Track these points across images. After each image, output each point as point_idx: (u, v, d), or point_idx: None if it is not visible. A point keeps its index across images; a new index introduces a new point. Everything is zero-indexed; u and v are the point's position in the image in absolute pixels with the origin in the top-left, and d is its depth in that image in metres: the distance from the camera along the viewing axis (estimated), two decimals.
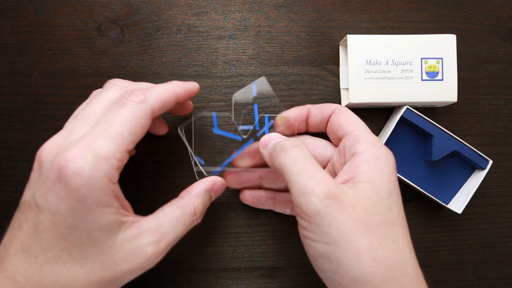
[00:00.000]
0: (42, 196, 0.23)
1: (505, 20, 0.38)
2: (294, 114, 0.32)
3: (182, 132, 0.32)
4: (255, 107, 0.33)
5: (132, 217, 0.26)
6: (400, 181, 0.36)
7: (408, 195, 0.37)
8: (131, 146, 0.25)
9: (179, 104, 0.32)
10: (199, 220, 0.29)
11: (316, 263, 0.25)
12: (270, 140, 0.29)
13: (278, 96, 0.37)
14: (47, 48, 0.36)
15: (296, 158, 0.26)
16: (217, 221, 0.36)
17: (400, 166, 0.36)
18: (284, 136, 0.30)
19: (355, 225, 0.23)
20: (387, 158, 0.27)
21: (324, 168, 0.31)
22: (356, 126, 0.29)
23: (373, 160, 0.26)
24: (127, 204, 0.26)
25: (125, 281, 0.25)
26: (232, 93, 0.36)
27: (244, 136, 0.33)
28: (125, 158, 0.25)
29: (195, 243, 0.36)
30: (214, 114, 0.33)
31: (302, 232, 0.26)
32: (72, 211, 0.22)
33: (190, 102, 0.34)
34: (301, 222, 0.25)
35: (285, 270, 0.36)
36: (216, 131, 0.34)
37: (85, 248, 0.23)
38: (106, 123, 0.24)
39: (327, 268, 0.24)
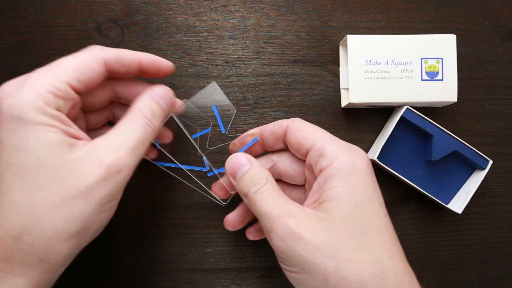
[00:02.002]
0: None
1: (505, 20, 0.38)
2: (241, 142, 0.31)
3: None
4: (215, 108, 0.32)
5: (85, 140, 0.25)
6: (400, 181, 0.36)
7: (408, 195, 0.37)
8: (75, 82, 0.25)
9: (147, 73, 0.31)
10: (155, 123, 0.27)
11: None
12: (237, 169, 0.28)
13: (278, 96, 0.37)
14: (47, 48, 0.36)
15: (256, 201, 0.26)
16: (217, 221, 0.36)
17: (400, 166, 0.36)
18: (249, 158, 0.29)
19: (317, 249, 0.23)
20: (352, 165, 0.26)
21: (305, 180, 0.31)
22: (315, 139, 0.28)
23: (338, 173, 0.25)
24: (84, 135, 0.25)
25: (96, 198, 0.23)
26: (233, 93, 0.36)
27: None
28: (66, 90, 0.24)
29: (195, 243, 0.36)
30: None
31: (279, 264, 0.26)
32: (11, 131, 0.22)
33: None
34: (276, 256, 0.26)
35: None
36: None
37: (36, 171, 0.22)
38: (55, 63, 0.25)
39: None
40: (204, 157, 0.32)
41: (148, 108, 0.27)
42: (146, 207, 0.36)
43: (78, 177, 0.23)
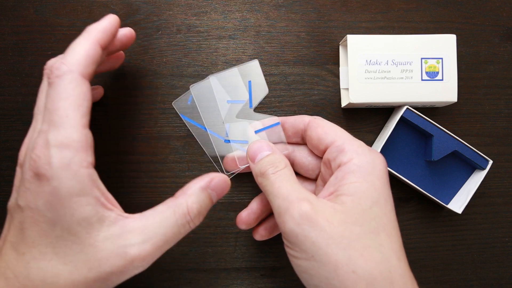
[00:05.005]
0: (22, 196, 0.23)
1: (505, 20, 0.38)
2: (265, 125, 0.32)
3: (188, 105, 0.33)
4: (249, 84, 0.33)
5: (115, 212, 0.24)
6: (400, 181, 0.36)
7: (408, 195, 0.37)
8: (84, 119, 0.24)
9: (111, 47, 0.30)
10: (196, 222, 0.26)
11: (302, 279, 0.26)
12: (258, 153, 0.29)
13: (278, 96, 0.37)
14: (47, 48, 0.36)
15: (273, 182, 0.26)
16: (217, 221, 0.36)
17: (400, 166, 0.36)
18: (271, 145, 0.29)
19: (331, 238, 0.23)
20: (372, 165, 0.26)
21: (318, 175, 0.31)
22: (336, 136, 0.28)
23: (357, 170, 0.26)
24: (109, 196, 0.25)
25: (112, 284, 0.24)
26: None
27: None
28: (87, 135, 0.24)
29: (195, 243, 0.36)
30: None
31: (286, 250, 0.26)
32: (49, 206, 0.23)
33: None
34: (284, 240, 0.26)
35: (285, 270, 0.36)
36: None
37: (68, 245, 0.23)
38: (48, 112, 0.24)
39: (311, 282, 0.25)
40: (227, 125, 0.33)
41: (196, 204, 0.26)
42: (146, 207, 0.36)
43: (101, 263, 0.23)
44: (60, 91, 0.24)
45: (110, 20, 0.27)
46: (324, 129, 0.29)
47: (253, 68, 0.34)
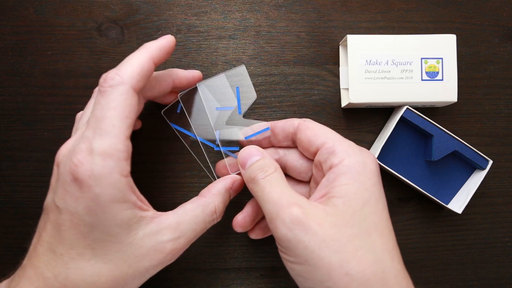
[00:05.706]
0: (61, 198, 0.24)
1: (505, 20, 0.38)
2: (254, 131, 0.32)
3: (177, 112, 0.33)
4: (237, 90, 0.33)
5: (151, 212, 0.26)
6: (400, 181, 0.36)
7: (408, 195, 0.37)
8: (128, 130, 0.25)
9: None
10: (219, 219, 0.29)
11: (297, 281, 0.26)
12: (248, 159, 0.29)
13: (278, 96, 0.37)
14: (47, 48, 0.36)
15: (263, 187, 0.27)
16: None
17: (400, 166, 0.36)
18: (261, 151, 0.29)
19: (323, 242, 0.23)
20: (363, 165, 0.26)
21: (311, 177, 0.31)
22: (326, 138, 0.28)
23: (348, 171, 0.26)
24: (143, 198, 0.26)
25: (148, 275, 0.26)
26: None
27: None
28: (128, 145, 0.25)
29: (195, 243, 0.36)
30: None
31: (280, 254, 0.26)
32: (89, 210, 0.23)
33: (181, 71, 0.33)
34: (277, 245, 0.26)
35: (285, 270, 0.36)
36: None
37: (107, 245, 0.24)
38: (95, 119, 0.24)
39: (306, 285, 0.25)
40: (217, 132, 0.33)
41: (222, 204, 0.29)
42: None
43: (140, 258, 0.25)
44: (111, 100, 0.24)
45: (167, 40, 0.28)
46: (314, 131, 0.29)
47: (241, 73, 0.34)
